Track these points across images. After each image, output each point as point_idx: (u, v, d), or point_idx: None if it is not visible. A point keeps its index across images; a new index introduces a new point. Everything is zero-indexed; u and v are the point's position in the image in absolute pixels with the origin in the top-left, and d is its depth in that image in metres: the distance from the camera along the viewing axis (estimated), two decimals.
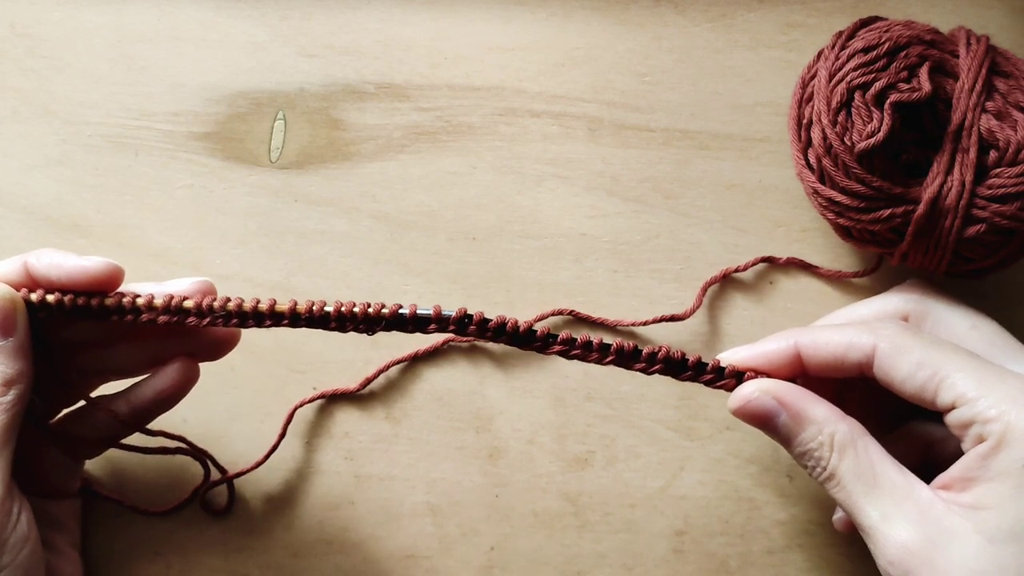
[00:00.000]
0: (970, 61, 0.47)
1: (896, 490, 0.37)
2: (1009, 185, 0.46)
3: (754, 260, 0.53)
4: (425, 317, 0.40)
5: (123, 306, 0.40)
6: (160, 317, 0.41)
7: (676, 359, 0.41)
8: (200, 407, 0.52)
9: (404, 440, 0.52)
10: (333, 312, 0.41)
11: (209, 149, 0.55)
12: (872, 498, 0.37)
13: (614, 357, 0.41)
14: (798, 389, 0.40)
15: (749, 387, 0.41)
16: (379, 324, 0.41)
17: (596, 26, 0.56)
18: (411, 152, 0.55)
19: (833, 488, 0.38)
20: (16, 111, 0.56)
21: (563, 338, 0.41)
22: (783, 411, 0.39)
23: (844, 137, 0.47)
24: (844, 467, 0.38)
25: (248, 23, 0.56)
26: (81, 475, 0.47)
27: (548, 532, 0.52)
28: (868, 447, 0.38)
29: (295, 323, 0.41)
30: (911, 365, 0.38)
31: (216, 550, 0.52)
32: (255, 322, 0.41)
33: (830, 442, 0.38)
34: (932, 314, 0.43)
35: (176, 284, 0.43)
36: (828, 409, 0.39)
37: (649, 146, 0.55)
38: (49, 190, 0.55)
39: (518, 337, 0.41)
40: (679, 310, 0.52)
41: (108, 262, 0.41)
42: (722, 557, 0.51)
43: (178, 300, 0.41)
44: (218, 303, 0.41)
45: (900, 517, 0.36)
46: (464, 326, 0.40)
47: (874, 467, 0.37)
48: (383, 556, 0.52)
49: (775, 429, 0.40)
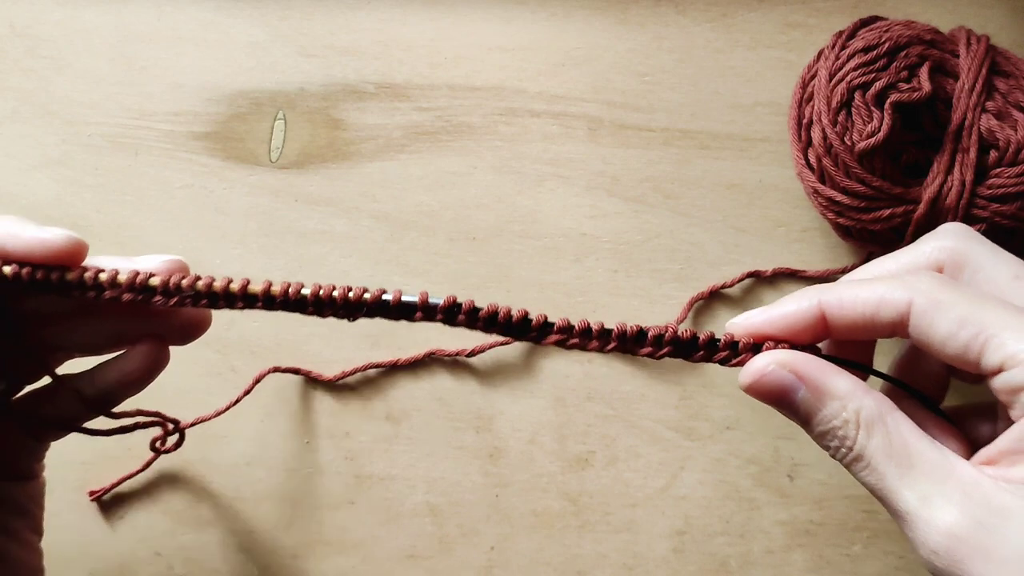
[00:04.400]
0: (970, 61, 0.47)
1: (935, 469, 0.33)
2: (1009, 185, 0.46)
3: (741, 276, 0.53)
4: (410, 304, 0.37)
5: (84, 281, 0.38)
6: (125, 294, 0.38)
7: (685, 339, 0.37)
8: (200, 407, 0.52)
9: (404, 440, 0.52)
10: (310, 295, 0.37)
11: (209, 149, 0.55)
12: (908, 479, 0.33)
13: (616, 343, 0.37)
14: (817, 360, 0.36)
15: (762, 359, 0.36)
16: (360, 310, 0.38)
17: (596, 26, 0.56)
18: (411, 152, 0.55)
19: (861, 470, 0.34)
20: (16, 111, 0.56)
21: (560, 326, 0.37)
22: (802, 385, 0.35)
23: (844, 137, 0.47)
24: (873, 446, 0.34)
25: (248, 23, 0.56)
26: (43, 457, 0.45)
27: (548, 532, 0.52)
28: (899, 423, 0.34)
29: (269, 306, 0.38)
30: (952, 323, 0.33)
31: (216, 550, 0.52)
32: (226, 303, 0.38)
33: (856, 419, 0.34)
34: (970, 263, 0.37)
35: (145, 260, 0.40)
36: (851, 382, 0.35)
37: (649, 146, 0.55)
38: (49, 190, 0.55)
39: (511, 327, 0.37)
40: (679, 310, 0.52)
41: (69, 235, 0.39)
42: (722, 557, 0.51)
43: (143, 277, 0.38)
44: (187, 281, 0.38)
45: (942, 499, 0.32)
46: (453, 315, 0.37)
47: (907, 445, 0.33)
48: (383, 556, 0.52)
49: (793, 406, 0.36)
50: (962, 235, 0.38)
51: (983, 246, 0.37)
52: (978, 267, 0.37)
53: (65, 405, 0.42)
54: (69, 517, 0.52)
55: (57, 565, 0.52)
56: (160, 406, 0.44)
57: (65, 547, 0.52)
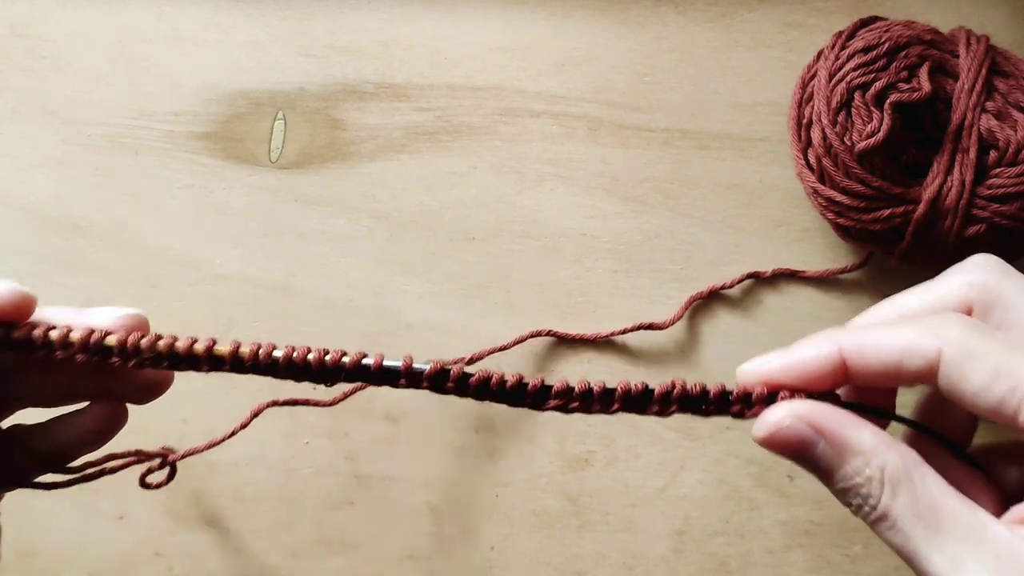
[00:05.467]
0: (970, 61, 0.47)
1: (966, 531, 0.31)
2: (1009, 185, 0.46)
3: (741, 276, 0.53)
4: (393, 369, 0.35)
5: (32, 340, 0.35)
6: (78, 355, 0.35)
7: (695, 395, 0.34)
8: (200, 407, 0.52)
9: (404, 440, 0.52)
10: (283, 358, 0.35)
11: (209, 149, 0.55)
12: (937, 543, 0.31)
13: (620, 405, 0.35)
14: (837, 411, 0.33)
15: (778, 412, 0.33)
16: (338, 375, 0.35)
17: (596, 26, 0.56)
18: (411, 152, 0.55)
19: (887, 531, 0.32)
20: (16, 111, 0.56)
21: (558, 390, 0.35)
22: (821, 439, 0.33)
23: (844, 137, 0.47)
24: (899, 506, 0.31)
25: (248, 23, 0.56)
26: None
27: (548, 532, 0.52)
28: (926, 478, 0.32)
29: (238, 368, 0.36)
30: (986, 375, 0.31)
31: (216, 550, 0.52)
32: (189, 365, 0.35)
33: (880, 476, 0.32)
34: (1002, 302, 0.34)
35: (99, 315, 0.36)
36: (875, 435, 0.33)
37: (649, 146, 0.55)
38: (49, 190, 0.55)
39: (505, 394, 0.35)
40: (679, 310, 0.52)
41: (15, 289, 0.35)
42: (722, 557, 0.51)
43: (98, 337, 0.35)
44: (146, 342, 0.35)
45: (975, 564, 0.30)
46: (440, 382, 0.35)
47: (936, 504, 0.31)
48: (383, 556, 0.52)
49: (813, 461, 0.33)
50: (992, 269, 0.35)
51: (1015, 281, 0.34)
52: (1010, 306, 0.34)
53: (16, 459, 0.38)
54: (69, 517, 0.52)
55: (57, 565, 0.52)
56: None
57: (65, 547, 0.52)
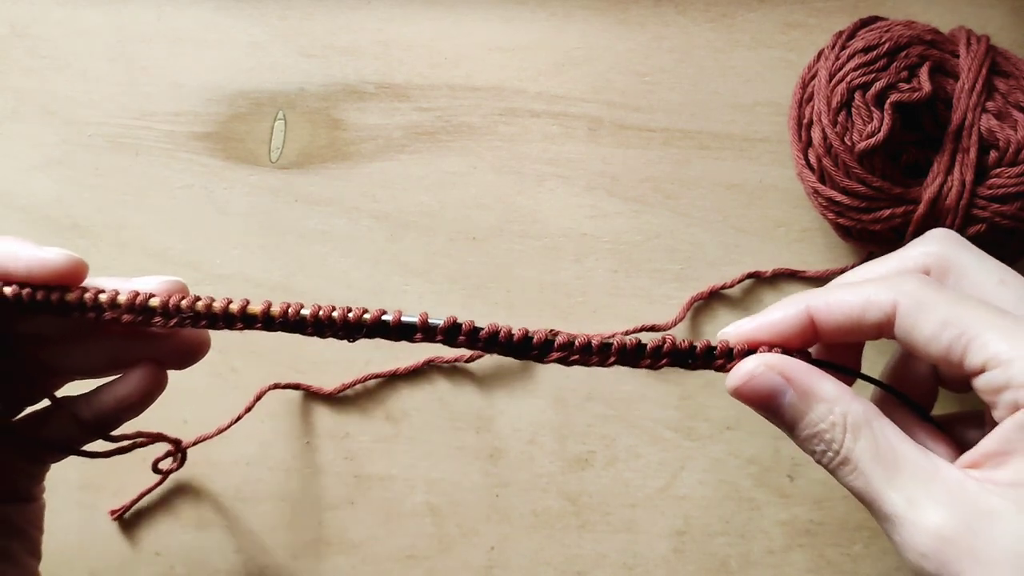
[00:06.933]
0: (970, 61, 0.47)
1: (921, 472, 0.33)
2: (1009, 185, 0.46)
3: (741, 276, 0.53)
4: (410, 325, 0.38)
5: (84, 302, 0.38)
6: (124, 315, 0.38)
7: (683, 349, 0.38)
8: (201, 407, 0.52)
9: (404, 440, 0.52)
10: (310, 316, 0.38)
11: (209, 149, 0.55)
12: (895, 482, 0.33)
13: (616, 358, 0.38)
14: (805, 364, 0.36)
15: (751, 362, 0.36)
16: (360, 331, 0.38)
17: (596, 26, 0.56)
18: (411, 152, 0.55)
19: (848, 475, 0.34)
20: (16, 111, 0.56)
21: (560, 343, 0.38)
22: (789, 388, 0.35)
23: (844, 137, 0.47)
24: (860, 449, 0.34)
25: (248, 23, 0.56)
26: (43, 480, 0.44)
27: (548, 532, 0.52)
28: (885, 426, 0.34)
29: (269, 326, 0.39)
30: (936, 323, 0.33)
31: (216, 550, 0.52)
32: (225, 324, 0.38)
33: (843, 422, 0.34)
34: (956, 268, 0.37)
35: (143, 281, 0.40)
36: (838, 386, 0.35)
37: (649, 146, 0.55)
38: (49, 190, 0.55)
39: (512, 347, 0.38)
40: (678, 310, 0.52)
41: (69, 255, 0.39)
42: (722, 557, 0.51)
43: (143, 298, 0.38)
44: (186, 302, 0.38)
45: (929, 501, 0.32)
46: (453, 336, 0.38)
47: (894, 448, 0.33)
48: (383, 556, 0.52)
49: (779, 410, 0.36)
50: (949, 241, 0.38)
51: (969, 251, 0.38)
52: (963, 272, 0.37)
53: (63, 428, 0.41)
54: (69, 517, 0.52)
55: (57, 565, 0.52)
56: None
57: (65, 547, 0.52)
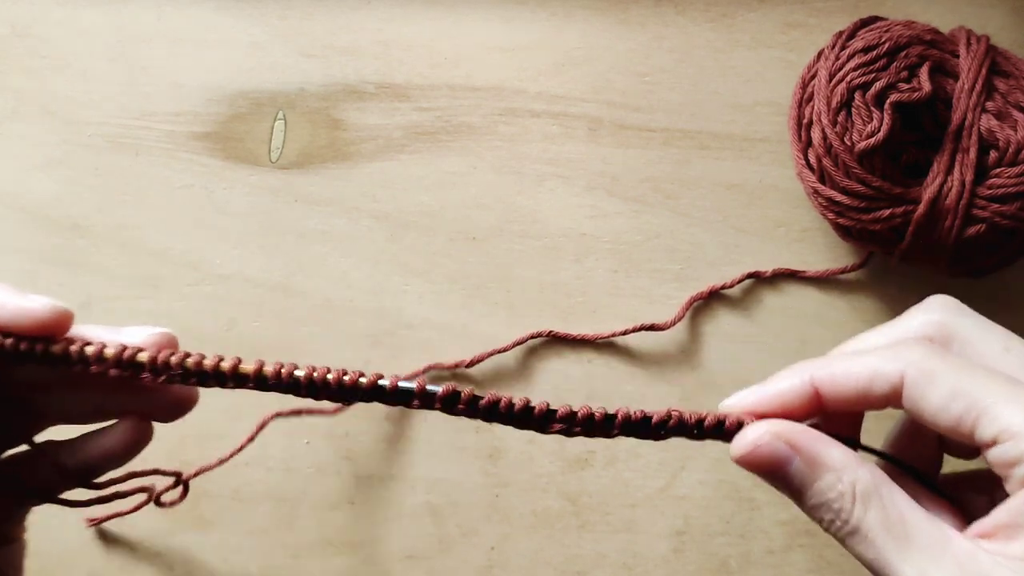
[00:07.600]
0: (970, 61, 0.47)
1: (932, 543, 0.32)
2: (1009, 185, 0.46)
3: (741, 276, 0.53)
4: (407, 391, 0.37)
5: (69, 355, 0.37)
6: (111, 370, 0.37)
7: (690, 423, 0.38)
8: (200, 407, 0.52)
9: (404, 440, 0.52)
10: (303, 378, 0.38)
11: (209, 149, 0.55)
12: (906, 554, 0.32)
13: (619, 431, 0.38)
14: (811, 431, 0.36)
15: (756, 430, 0.36)
16: (355, 396, 0.38)
17: (596, 26, 0.56)
18: (411, 152, 0.55)
19: (858, 544, 0.34)
20: (16, 111, 0.56)
21: (562, 415, 0.37)
22: (796, 456, 0.35)
23: (844, 137, 0.47)
24: (870, 519, 0.33)
25: (248, 23, 0.56)
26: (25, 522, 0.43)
27: (548, 532, 0.52)
28: (894, 495, 0.33)
29: (261, 386, 0.38)
30: (944, 395, 0.33)
31: (216, 550, 0.52)
32: (216, 382, 0.38)
33: (851, 491, 0.34)
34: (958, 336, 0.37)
35: (132, 332, 0.39)
36: (845, 453, 0.34)
37: (649, 146, 0.55)
38: (49, 190, 0.55)
39: (513, 417, 0.37)
40: (678, 310, 0.52)
41: (54, 305, 0.37)
42: (722, 557, 0.51)
43: (131, 353, 0.37)
44: (175, 359, 0.37)
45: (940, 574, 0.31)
46: (451, 404, 0.37)
47: (904, 518, 0.33)
48: (383, 556, 0.52)
49: (787, 478, 0.35)
50: (949, 308, 0.37)
51: (971, 318, 0.37)
52: (966, 340, 0.36)
53: (45, 473, 0.40)
54: (69, 516, 0.52)
55: (57, 565, 0.52)
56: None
57: (65, 547, 0.52)
